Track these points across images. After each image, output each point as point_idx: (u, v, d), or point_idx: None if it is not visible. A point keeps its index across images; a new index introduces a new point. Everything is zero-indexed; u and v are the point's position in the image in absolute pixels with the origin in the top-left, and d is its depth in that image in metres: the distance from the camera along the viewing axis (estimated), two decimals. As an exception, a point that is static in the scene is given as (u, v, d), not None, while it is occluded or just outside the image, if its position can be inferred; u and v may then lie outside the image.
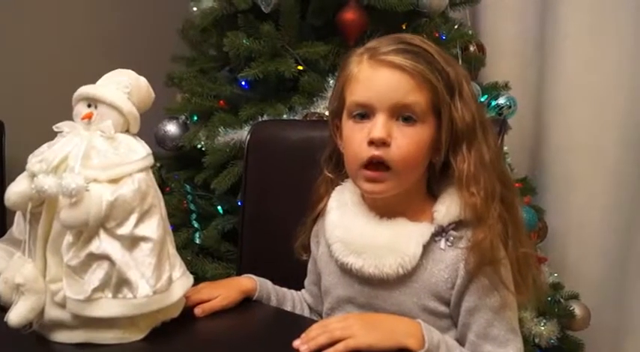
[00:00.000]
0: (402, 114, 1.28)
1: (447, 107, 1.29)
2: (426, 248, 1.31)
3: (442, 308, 1.33)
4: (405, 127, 1.28)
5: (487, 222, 1.28)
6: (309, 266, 1.57)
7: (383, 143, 1.27)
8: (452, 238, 1.32)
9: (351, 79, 1.34)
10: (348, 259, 1.35)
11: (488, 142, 1.33)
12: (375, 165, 1.29)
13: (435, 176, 1.38)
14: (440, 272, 1.31)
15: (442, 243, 1.32)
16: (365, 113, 1.31)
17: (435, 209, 1.33)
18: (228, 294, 1.44)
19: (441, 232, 1.32)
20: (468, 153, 1.31)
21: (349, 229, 1.39)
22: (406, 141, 1.28)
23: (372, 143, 1.28)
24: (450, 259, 1.31)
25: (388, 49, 1.30)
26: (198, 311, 1.36)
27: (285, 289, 1.59)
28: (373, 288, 1.36)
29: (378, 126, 1.27)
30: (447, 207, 1.32)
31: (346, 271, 1.38)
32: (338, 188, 1.47)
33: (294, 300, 1.58)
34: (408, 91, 1.27)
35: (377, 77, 1.30)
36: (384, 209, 1.37)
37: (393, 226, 1.34)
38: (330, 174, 1.49)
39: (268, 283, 1.55)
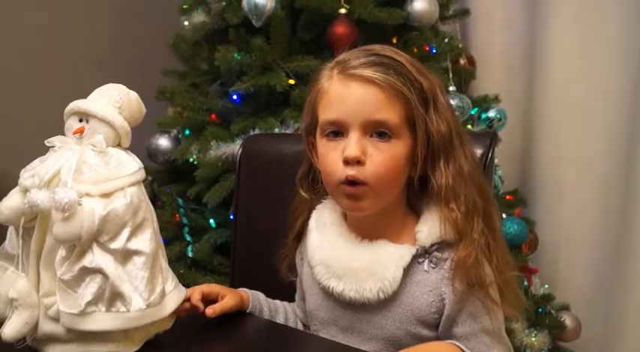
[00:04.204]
0: (376, 129, 1.25)
1: (421, 120, 1.26)
2: (409, 270, 1.29)
3: (425, 333, 1.31)
4: (380, 143, 1.25)
5: (470, 238, 1.26)
6: (297, 282, 1.56)
7: (357, 162, 1.24)
8: (435, 259, 1.30)
9: (322, 94, 1.32)
10: (330, 283, 1.34)
11: (466, 153, 1.31)
12: (353, 182, 1.26)
13: (415, 191, 1.35)
14: (423, 296, 1.29)
15: (425, 265, 1.30)
16: (338, 131, 1.28)
17: (418, 229, 1.31)
18: (234, 296, 1.45)
19: (424, 253, 1.30)
20: (446, 166, 1.28)
21: (329, 252, 1.37)
22: (381, 158, 1.25)
23: (346, 162, 1.25)
24: (433, 282, 1.29)
25: (358, 62, 1.27)
26: (209, 311, 1.35)
27: (277, 301, 1.58)
28: (355, 312, 1.34)
29: (351, 144, 1.24)
30: (429, 228, 1.30)
31: (328, 294, 1.37)
32: (318, 207, 1.45)
33: (287, 312, 1.58)
34: (379, 106, 1.24)
35: (347, 93, 1.27)
36: (364, 229, 1.35)
37: (373, 249, 1.32)
38: (305, 194, 1.46)
39: (260, 295, 1.55)
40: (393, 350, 1.31)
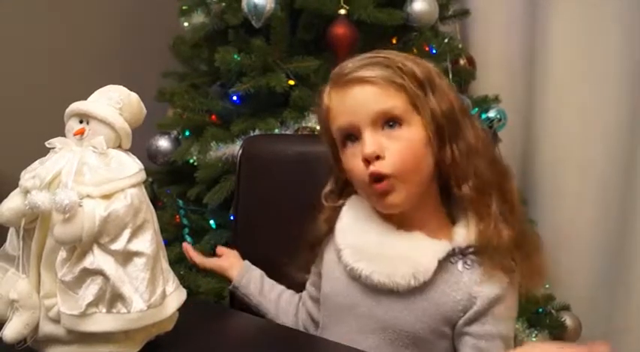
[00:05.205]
0: (386, 122, 1.28)
1: (423, 102, 1.29)
2: (442, 267, 1.30)
3: (446, 329, 1.32)
4: (393, 132, 1.28)
5: (486, 212, 1.28)
6: (313, 268, 1.56)
7: (377, 157, 1.27)
8: (470, 261, 1.31)
9: (327, 111, 1.36)
10: (359, 265, 1.34)
11: (475, 128, 1.33)
12: (379, 179, 1.28)
13: (451, 199, 1.37)
14: (452, 293, 1.30)
15: (459, 265, 1.31)
16: (353, 135, 1.31)
17: (456, 230, 1.33)
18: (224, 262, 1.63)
19: (459, 254, 1.31)
20: (454, 143, 1.31)
21: (363, 236, 1.38)
22: (398, 146, 1.28)
23: (367, 161, 1.28)
24: (465, 282, 1.30)
25: (347, 69, 1.32)
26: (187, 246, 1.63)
27: (280, 286, 1.63)
28: (377, 298, 1.34)
29: (366, 142, 1.27)
30: (468, 230, 1.31)
31: (353, 278, 1.37)
32: (353, 197, 1.46)
33: (284, 292, 1.62)
34: (379, 98, 1.28)
35: (346, 98, 1.31)
36: (400, 222, 1.36)
37: (410, 238, 1.33)
38: (332, 204, 1.48)
39: (257, 271, 1.62)
40: (407, 341, 1.33)
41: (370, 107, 1.28)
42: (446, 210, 1.39)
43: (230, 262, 1.63)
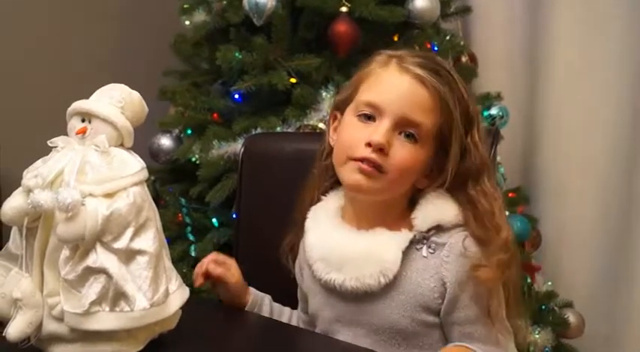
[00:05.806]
0: (406, 129, 1.28)
1: (458, 135, 1.29)
2: (408, 256, 1.30)
3: (430, 319, 1.32)
4: (406, 142, 1.28)
5: (498, 255, 1.27)
6: (299, 294, 1.56)
7: (380, 149, 1.26)
8: (434, 245, 1.31)
9: (371, 75, 1.34)
10: (330, 276, 1.34)
11: (491, 180, 1.34)
12: (368, 163, 1.27)
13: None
14: (425, 282, 1.30)
15: (424, 251, 1.31)
16: (371, 115, 1.30)
17: (413, 216, 1.33)
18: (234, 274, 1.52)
19: (422, 239, 1.31)
20: (490, 185, 1.32)
21: (326, 245, 1.38)
22: (404, 154, 1.28)
23: (369, 145, 1.27)
24: (433, 267, 1.30)
25: (417, 61, 1.31)
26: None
27: (286, 308, 1.60)
28: (358, 303, 1.34)
29: (380, 131, 1.27)
30: (425, 213, 1.32)
31: (330, 289, 1.37)
32: (312, 209, 1.46)
33: (292, 315, 1.59)
34: (421, 107, 1.27)
35: (397, 82, 1.30)
36: (360, 221, 1.37)
37: (370, 236, 1.33)
38: (316, 171, 1.48)
39: (266, 299, 1.56)
40: (399, 338, 1.32)
41: (407, 106, 1.28)
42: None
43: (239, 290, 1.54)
